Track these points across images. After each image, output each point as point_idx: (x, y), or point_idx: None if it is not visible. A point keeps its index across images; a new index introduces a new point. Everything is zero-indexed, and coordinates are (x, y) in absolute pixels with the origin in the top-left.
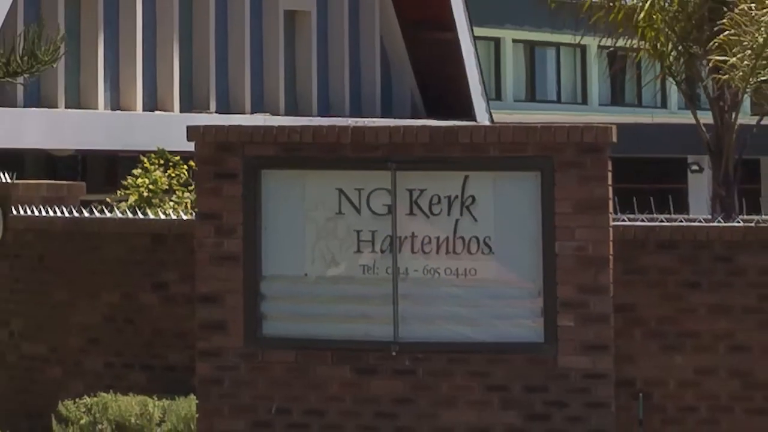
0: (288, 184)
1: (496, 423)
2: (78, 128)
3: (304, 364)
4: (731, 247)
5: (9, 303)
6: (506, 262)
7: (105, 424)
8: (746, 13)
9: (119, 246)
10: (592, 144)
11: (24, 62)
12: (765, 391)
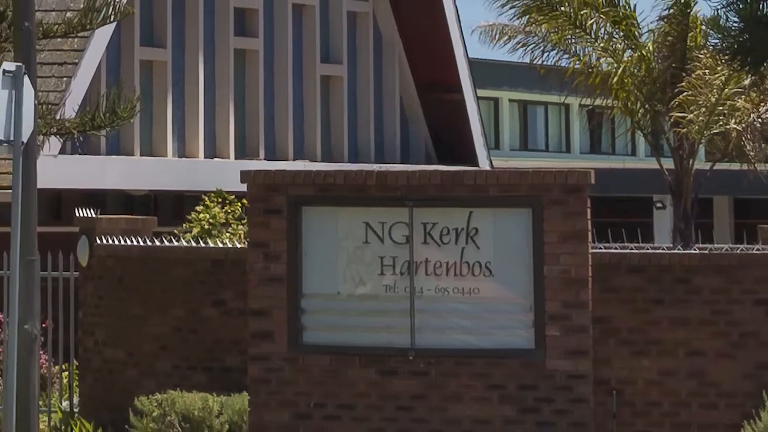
0: (324, 218)
1: (495, 415)
2: (151, 172)
3: (337, 366)
4: (689, 270)
5: (94, 316)
6: (503, 283)
7: (173, 416)
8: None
9: (185, 269)
10: (574, 185)
11: (106, 118)
12: (717, 389)
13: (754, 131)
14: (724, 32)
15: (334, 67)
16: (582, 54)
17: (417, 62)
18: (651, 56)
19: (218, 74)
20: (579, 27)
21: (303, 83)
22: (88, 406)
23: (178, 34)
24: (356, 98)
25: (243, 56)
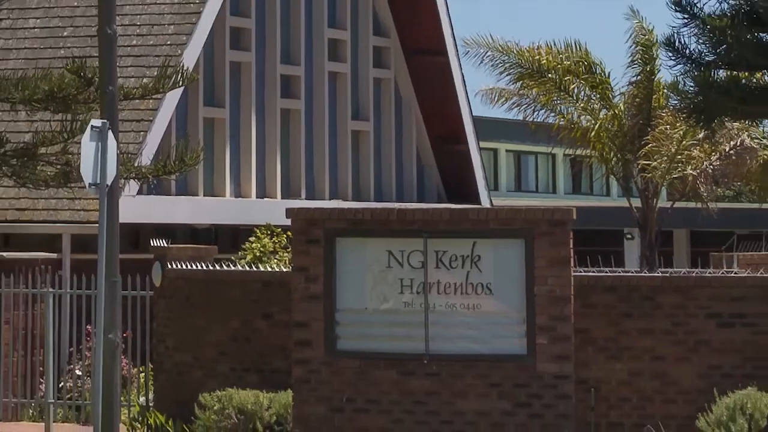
0: (354, 247)
1: (495, 409)
2: (212, 210)
3: (365, 368)
4: (653, 290)
5: (165, 327)
6: (501, 300)
7: (230, 409)
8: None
9: (240, 289)
10: (559, 220)
11: (176, 165)
12: (676, 387)
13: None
14: (682, 95)
15: (362, 123)
16: (565, 113)
17: (430, 119)
18: (622, 114)
19: (267, 129)
20: (563, 91)
21: (337, 136)
22: (161, 402)
23: (234, 96)
24: (380, 148)
25: (287, 114)
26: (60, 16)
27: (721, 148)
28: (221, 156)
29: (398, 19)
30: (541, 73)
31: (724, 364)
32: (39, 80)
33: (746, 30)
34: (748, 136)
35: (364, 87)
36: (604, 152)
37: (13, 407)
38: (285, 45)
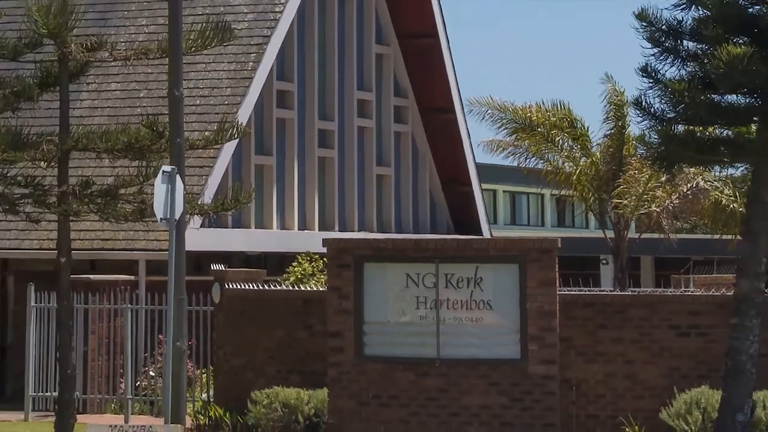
0: (378, 270)
1: (494, 403)
2: (261, 239)
3: (388, 370)
4: (624, 306)
5: (223, 336)
6: (499, 314)
7: (276, 404)
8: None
9: (284, 305)
10: (547, 248)
11: (232, 203)
12: (643, 385)
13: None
14: (647, 146)
15: (384, 168)
16: (552, 160)
17: (441, 165)
18: (598, 161)
19: (307, 173)
20: (550, 142)
21: (364, 179)
22: (219, 397)
23: (279, 146)
24: (400, 189)
25: (323, 161)
26: (137, 80)
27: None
28: (269, 195)
29: (414, 82)
30: (532, 127)
31: (682, 366)
32: (119, 134)
33: (700, 92)
34: (702, 180)
35: (386, 139)
36: (584, 192)
37: (98, 402)
38: (321, 104)
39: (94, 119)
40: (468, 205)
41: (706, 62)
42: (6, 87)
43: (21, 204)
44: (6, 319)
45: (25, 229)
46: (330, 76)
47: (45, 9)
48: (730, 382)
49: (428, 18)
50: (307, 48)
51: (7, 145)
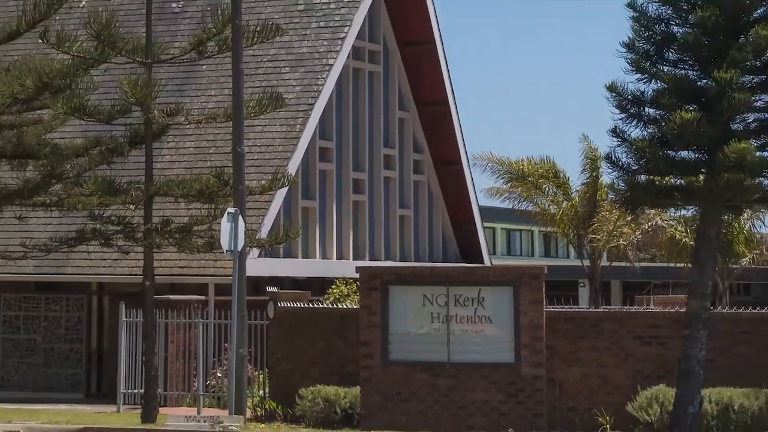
0: (400, 292)
1: (494, 398)
2: (307, 267)
3: (408, 372)
4: (598, 320)
5: (276, 345)
6: (498, 327)
7: (319, 399)
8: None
9: (325, 320)
10: (536, 274)
11: (283, 238)
12: (613, 384)
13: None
14: (616, 192)
15: (405, 210)
16: (540, 204)
17: (451, 207)
18: (577, 205)
19: (343, 214)
20: (538, 189)
21: (389, 219)
22: (273, 394)
23: (321, 192)
24: (418, 227)
25: (357, 205)
26: (207, 139)
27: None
28: (312, 232)
29: (429, 141)
30: (523, 177)
31: (644, 369)
32: (193, 182)
33: (659, 149)
34: (660, 219)
35: (407, 186)
36: (565, 229)
37: (176, 397)
38: (355, 159)
39: (172, 170)
40: (472, 240)
41: (663, 125)
42: (102, 145)
43: (114, 238)
44: (102, 331)
45: (117, 259)
46: (362, 135)
47: (133, 82)
48: (683, 382)
49: (441, 90)
50: (343, 113)
51: (103, 191)
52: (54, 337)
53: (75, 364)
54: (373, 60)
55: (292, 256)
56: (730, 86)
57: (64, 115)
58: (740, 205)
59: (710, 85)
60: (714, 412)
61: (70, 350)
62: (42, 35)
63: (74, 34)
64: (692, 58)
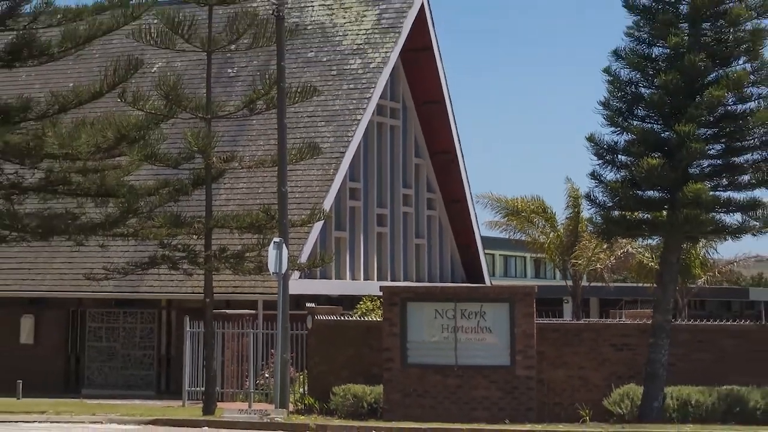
0: (416, 307)
1: (493, 395)
2: (339, 286)
3: (423, 373)
4: (579, 330)
5: (313, 351)
6: (497, 336)
7: (349, 395)
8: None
9: (355, 330)
10: (528, 292)
11: (319, 262)
12: (592, 383)
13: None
14: (594, 225)
15: (420, 240)
16: (531, 234)
17: (458, 237)
18: (562, 235)
19: (369, 243)
20: (530, 222)
21: (407, 247)
22: (311, 391)
23: (351, 225)
24: (431, 253)
25: (381, 236)
26: (257, 181)
27: (616, 253)
28: (344, 257)
29: (440, 183)
30: (518, 212)
31: (617, 371)
32: (245, 217)
33: (629, 189)
34: (630, 247)
35: (421, 220)
36: (552, 256)
37: (231, 394)
38: (379, 197)
39: (228, 207)
40: (475, 264)
41: (633, 170)
42: (170, 186)
43: (180, 263)
44: (170, 339)
45: (182, 280)
46: (384, 178)
47: (196, 134)
48: (649, 382)
49: (449, 141)
50: (369, 159)
51: (170, 224)
52: (130, 345)
53: (147, 367)
54: (394, 116)
55: (327, 278)
56: (689, 138)
57: (138, 161)
58: (697, 236)
59: (672, 136)
60: (675, 406)
61: (144, 355)
62: (120, 95)
63: (147, 95)
64: (657, 114)
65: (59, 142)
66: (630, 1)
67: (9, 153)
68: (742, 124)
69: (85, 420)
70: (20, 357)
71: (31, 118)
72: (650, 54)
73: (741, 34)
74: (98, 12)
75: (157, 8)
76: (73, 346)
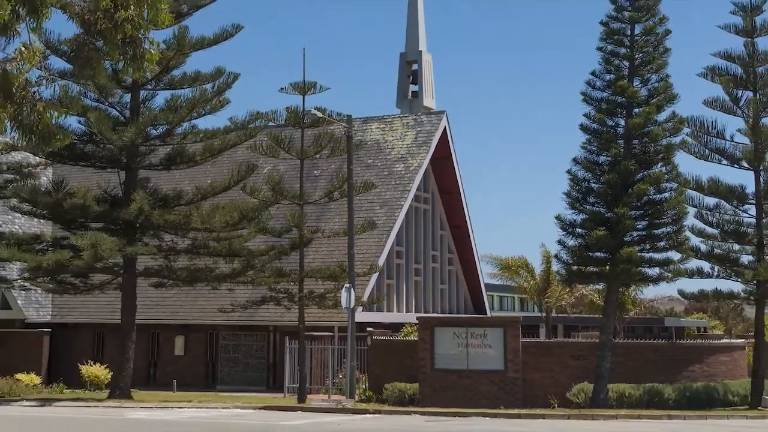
0: (441, 331)
1: (491, 390)
2: (389, 316)
3: (445, 375)
4: (550, 346)
5: (372, 360)
6: (495, 349)
7: (396, 389)
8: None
9: (401, 346)
10: (515, 321)
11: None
12: (559, 382)
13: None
14: (560, 276)
15: (443, 285)
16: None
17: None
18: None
19: (408, 288)
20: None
21: (435, 290)
22: (370, 387)
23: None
24: (451, 295)
25: (417, 283)
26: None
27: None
28: (392, 297)
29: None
30: (509, 267)
31: (576, 374)
32: (326, 270)
33: (584, 251)
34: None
35: (444, 273)
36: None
37: (316, 389)
38: (416, 256)
39: (314, 263)
40: (480, 301)
41: (586, 238)
42: (275, 249)
43: (282, 301)
44: (275, 352)
45: (283, 312)
46: (419, 244)
47: (293, 215)
48: (597, 381)
49: (463, 219)
50: (408, 231)
51: (276, 275)
52: (249, 355)
53: (260, 371)
54: (425, 202)
55: (381, 311)
56: (623, 217)
57: (254, 232)
58: (629, 283)
59: (612, 216)
60: (614, 397)
61: (257, 363)
62: (242, 188)
63: (260, 188)
64: (602, 201)
65: (201, 220)
66: (584, 125)
67: (167, 227)
68: (659, 208)
69: (218, 406)
70: (175, 364)
71: (182, 204)
72: (598, 161)
73: (658, 148)
74: (227, 132)
75: (267, 130)
76: (210, 356)
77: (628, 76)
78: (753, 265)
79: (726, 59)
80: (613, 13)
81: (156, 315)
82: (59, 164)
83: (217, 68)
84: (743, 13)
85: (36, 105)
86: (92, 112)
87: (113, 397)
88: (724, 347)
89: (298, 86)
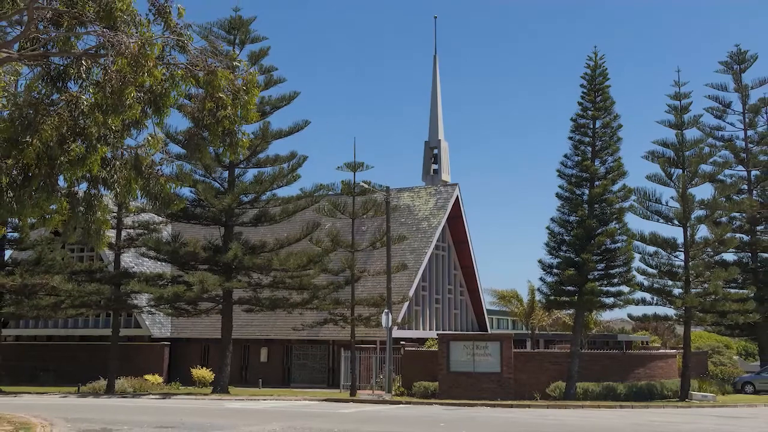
0: (455, 344)
1: (491, 387)
2: (417, 333)
3: (457, 376)
4: (534, 354)
5: (404, 365)
6: (494, 357)
7: (421, 387)
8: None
9: (426, 355)
10: (509, 336)
11: (407, 321)
12: (542, 381)
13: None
14: (542, 304)
15: (456, 311)
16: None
17: (475, 309)
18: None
19: (431, 313)
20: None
21: (450, 314)
22: (403, 384)
23: (422, 302)
24: (461, 318)
25: (437, 309)
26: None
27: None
28: (419, 320)
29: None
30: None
31: (553, 375)
32: (370, 299)
33: (559, 285)
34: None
35: (457, 301)
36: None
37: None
38: (436, 289)
39: (362, 294)
40: (483, 322)
41: (560, 276)
42: (334, 284)
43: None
44: (334, 360)
45: (339, 330)
46: (438, 280)
47: (347, 259)
48: (568, 380)
49: (470, 261)
50: (431, 271)
51: (334, 303)
52: (314, 361)
53: (323, 373)
54: (443, 249)
55: (411, 329)
56: (587, 261)
57: (318, 272)
58: (591, 309)
59: (580, 260)
60: (581, 392)
61: (321, 367)
62: (310, 239)
63: (322, 239)
64: (573, 249)
65: (279, 263)
66: (559, 194)
67: (255, 268)
68: (613, 254)
69: (292, 398)
70: (260, 368)
71: (265, 251)
72: (569, 220)
73: (613, 210)
74: (298, 199)
75: (327, 197)
76: (286, 362)
77: (591, 158)
78: (682, 296)
79: (662, 146)
80: (580, 112)
81: (246, 332)
82: (176, 222)
83: (291, 152)
84: (675, 112)
85: (159, 179)
86: (200, 184)
87: (215, 392)
88: (661, 356)
89: (350, 165)
